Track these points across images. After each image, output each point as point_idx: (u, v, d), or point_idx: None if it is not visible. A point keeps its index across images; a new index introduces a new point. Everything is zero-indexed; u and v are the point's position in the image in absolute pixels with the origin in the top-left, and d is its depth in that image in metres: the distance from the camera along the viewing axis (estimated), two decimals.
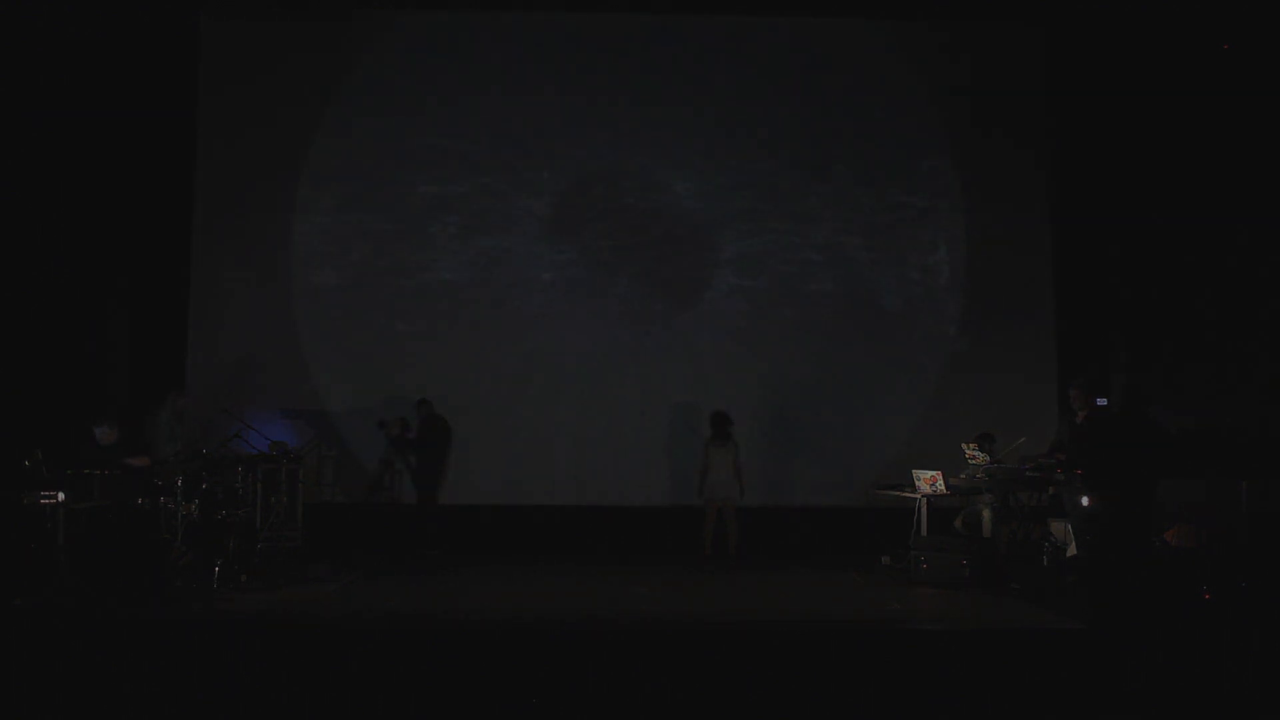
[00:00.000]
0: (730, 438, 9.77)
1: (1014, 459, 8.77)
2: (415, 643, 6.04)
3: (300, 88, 10.84)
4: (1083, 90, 10.62)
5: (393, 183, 10.86)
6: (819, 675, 5.88)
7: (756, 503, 10.08)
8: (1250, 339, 9.69)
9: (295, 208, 10.82)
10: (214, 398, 10.12)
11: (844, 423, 10.73)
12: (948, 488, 8.74)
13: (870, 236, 10.94)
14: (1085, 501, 7.54)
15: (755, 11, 10.92)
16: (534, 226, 10.91)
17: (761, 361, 10.82)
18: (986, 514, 8.83)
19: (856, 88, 10.97)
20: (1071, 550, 8.24)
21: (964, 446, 9.05)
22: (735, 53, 10.96)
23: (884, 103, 10.97)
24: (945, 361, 10.82)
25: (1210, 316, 9.93)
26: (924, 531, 8.80)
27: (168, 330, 10.62)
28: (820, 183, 10.95)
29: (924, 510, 8.83)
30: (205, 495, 8.11)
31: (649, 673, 5.84)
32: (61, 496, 7.28)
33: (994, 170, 10.93)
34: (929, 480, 8.76)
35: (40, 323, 9.83)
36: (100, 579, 7.29)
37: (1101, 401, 8.80)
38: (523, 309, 10.86)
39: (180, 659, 5.90)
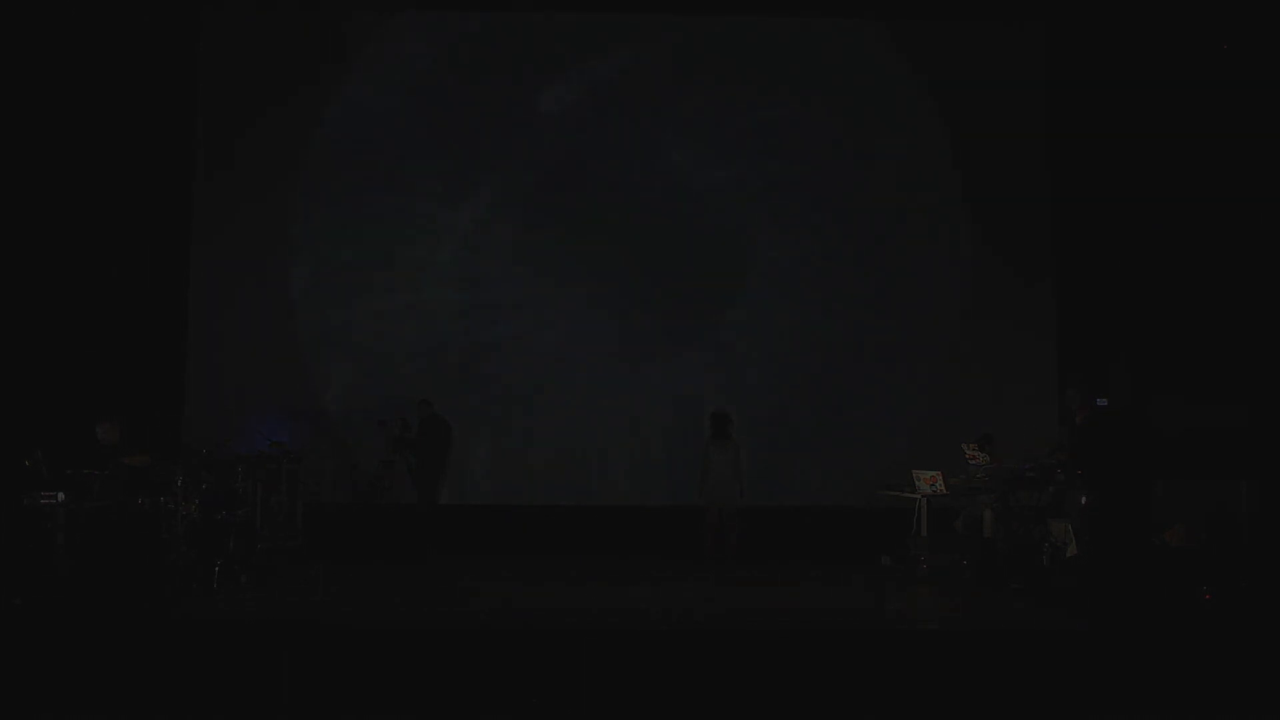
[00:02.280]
0: (730, 437, 9.76)
1: (1016, 458, 8.76)
2: (415, 643, 6.03)
3: (300, 88, 10.84)
4: (1084, 88, 10.61)
5: (394, 182, 10.86)
6: (819, 675, 5.87)
7: (756, 503, 10.07)
8: (1251, 338, 9.68)
9: (295, 208, 10.83)
10: (214, 398, 10.11)
11: (844, 423, 10.74)
12: (948, 488, 8.74)
13: (870, 236, 10.95)
14: (1085, 501, 7.54)
15: (755, 11, 10.92)
16: (536, 227, 10.90)
17: (761, 361, 10.82)
18: (987, 514, 8.83)
19: (855, 88, 10.97)
20: (1071, 550, 8.24)
21: (964, 446, 9.05)
22: (733, 53, 10.96)
23: (883, 102, 10.96)
24: (945, 361, 10.82)
25: (1211, 315, 9.92)
26: (924, 531, 8.80)
27: (168, 330, 10.62)
28: (819, 183, 10.95)
29: (924, 510, 8.84)
30: (205, 495, 8.10)
31: (649, 673, 5.84)
32: (61, 496, 7.28)
33: (994, 170, 10.93)
34: (929, 480, 8.76)
35: (41, 322, 9.83)
36: (100, 579, 7.28)
37: (1101, 402, 8.80)
38: (523, 309, 10.85)
39: (180, 659, 5.89)
